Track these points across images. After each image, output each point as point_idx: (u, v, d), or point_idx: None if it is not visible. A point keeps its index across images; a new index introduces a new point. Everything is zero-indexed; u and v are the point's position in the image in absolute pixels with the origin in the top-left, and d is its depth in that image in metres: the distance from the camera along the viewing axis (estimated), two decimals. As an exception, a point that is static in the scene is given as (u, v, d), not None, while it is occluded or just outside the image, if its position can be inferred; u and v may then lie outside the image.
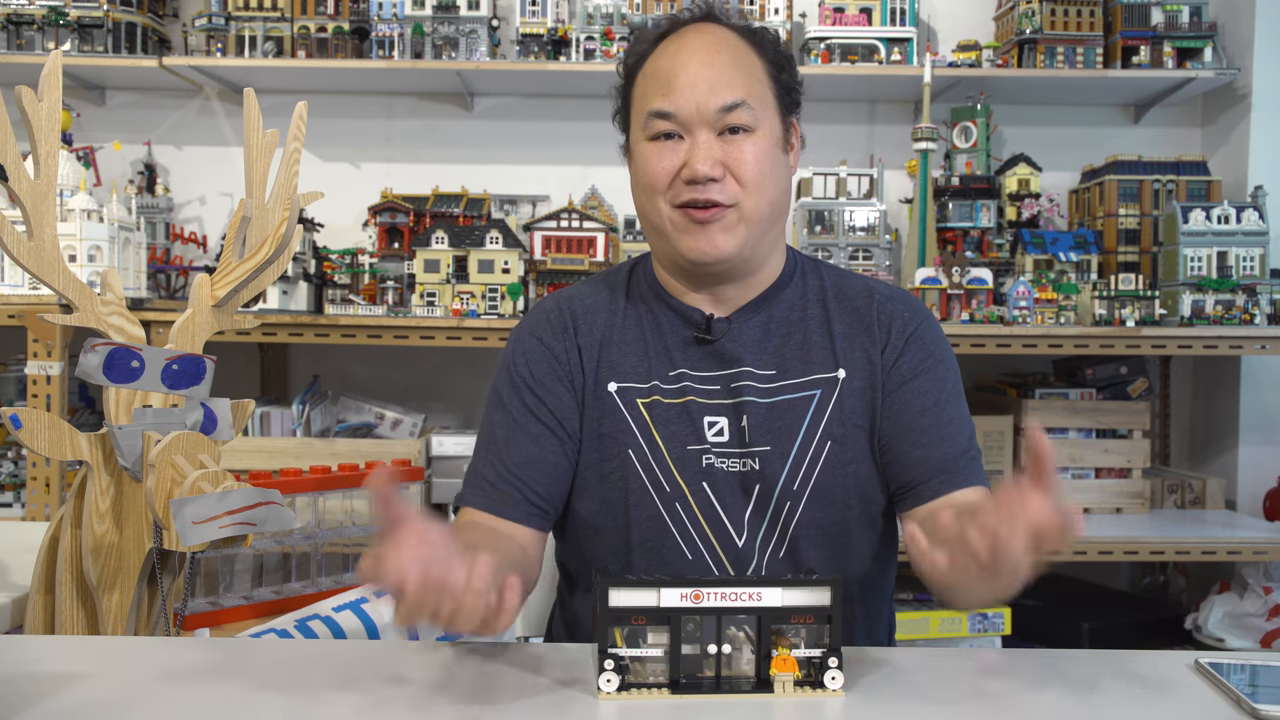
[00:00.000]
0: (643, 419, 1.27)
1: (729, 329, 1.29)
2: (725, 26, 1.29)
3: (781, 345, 1.29)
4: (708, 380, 1.28)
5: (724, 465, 1.26)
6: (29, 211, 1.33)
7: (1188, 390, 3.11)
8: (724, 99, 1.22)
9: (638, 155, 1.28)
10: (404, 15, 2.78)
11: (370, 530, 1.81)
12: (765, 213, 1.25)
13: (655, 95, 1.24)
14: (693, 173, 1.21)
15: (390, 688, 0.97)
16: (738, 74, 1.24)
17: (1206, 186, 2.84)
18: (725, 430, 1.26)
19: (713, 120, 1.22)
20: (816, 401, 1.27)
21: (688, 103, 1.22)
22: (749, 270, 1.29)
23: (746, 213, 1.23)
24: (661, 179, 1.24)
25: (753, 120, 1.23)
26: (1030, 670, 1.06)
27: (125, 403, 1.35)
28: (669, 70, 1.24)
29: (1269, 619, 2.55)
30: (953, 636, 2.47)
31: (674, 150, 1.23)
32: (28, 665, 1.02)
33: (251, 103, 1.51)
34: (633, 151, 1.30)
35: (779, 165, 1.27)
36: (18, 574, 1.53)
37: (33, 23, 2.78)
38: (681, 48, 1.25)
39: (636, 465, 1.26)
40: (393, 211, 2.79)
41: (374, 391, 2.90)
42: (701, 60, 1.23)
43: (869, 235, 2.78)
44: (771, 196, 1.25)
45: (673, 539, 1.25)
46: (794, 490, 1.25)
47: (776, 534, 1.25)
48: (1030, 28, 2.81)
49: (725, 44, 1.26)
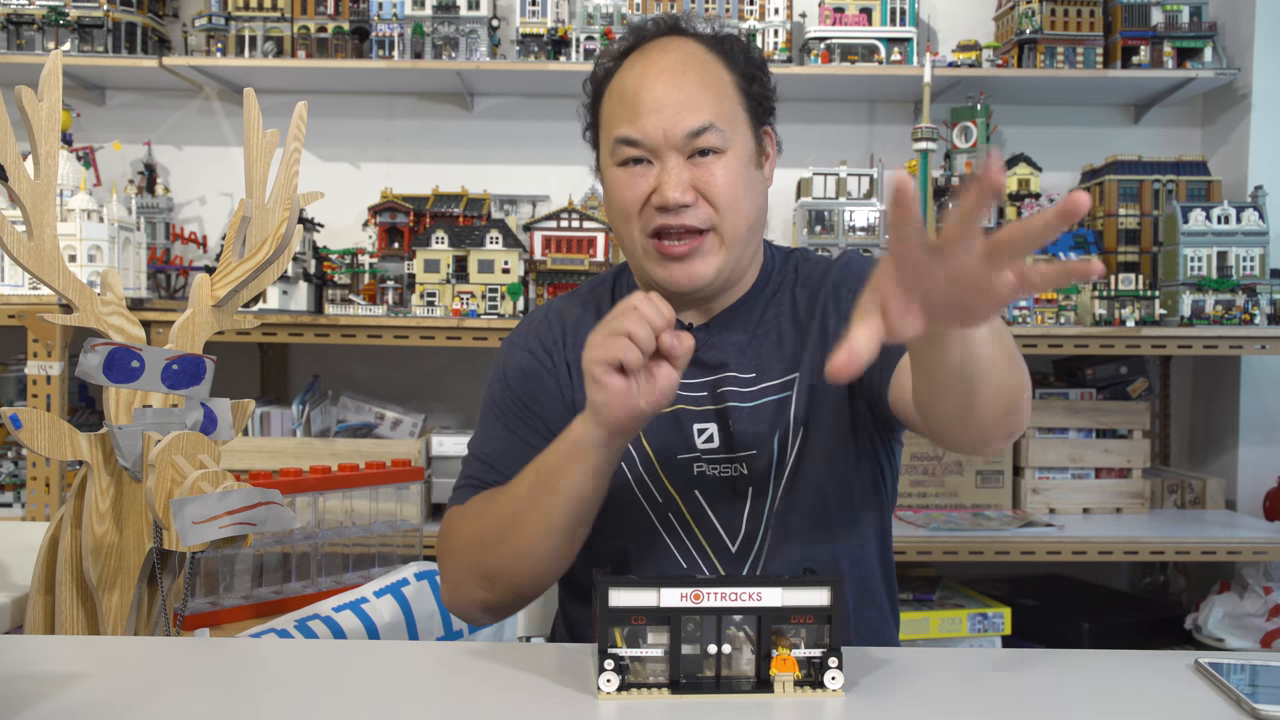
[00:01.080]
0: None
1: (709, 337, 1.29)
2: (692, 38, 1.25)
3: (760, 346, 1.29)
4: (694, 388, 1.27)
5: (715, 471, 1.25)
6: (29, 211, 1.33)
7: (1188, 390, 3.11)
8: (690, 124, 1.18)
9: (608, 181, 1.26)
10: (404, 15, 2.78)
11: (370, 530, 1.81)
12: (743, 232, 1.23)
13: (621, 121, 1.21)
14: (663, 199, 1.18)
15: (390, 688, 0.97)
16: (705, 94, 1.20)
17: (1206, 186, 2.84)
18: (715, 436, 1.26)
19: (681, 145, 1.19)
20: (795, 395, 1.26)
21: (654, 129, 1.19)
22: (728, 286, 1.29)
23: (725, 235, 1.21)
24: (632, 206, 1.21)
25: (722, 141, 1.20)
26: (1030, 670, 1.06)
27: (125, 403, 1.35)
28: (634, 93, 1.20)
29: (1269, 619, 2.55)
30: (953, 636, 2.47)
31: (643, 176, 1.21)
32: (28, 665, 1.02)
33: (251, 103, 1.51)
34: (603, 175, 1.27)
35: (753, 182, 1.25)
36: (18, 574, 1.53)
37: (33, 23, 2.78)
38: (647, 68, 1.22)
39: (628, 476, 1.25)
40: (393, 211, 2.79)
41: (374, 391, 2.90)
42: (667, 82, 1.20)
43: (869, 235, 2.78)
44: (749, 215, 1.23)
45: (665, 547, 1.24)
46: (780, 486, 1.25)
47: (771, 534, 1.25)
48: (1030, 28, 2.81)
49: (691, 61, 1.22)
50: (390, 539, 1.82)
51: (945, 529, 2.51)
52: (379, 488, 1.82)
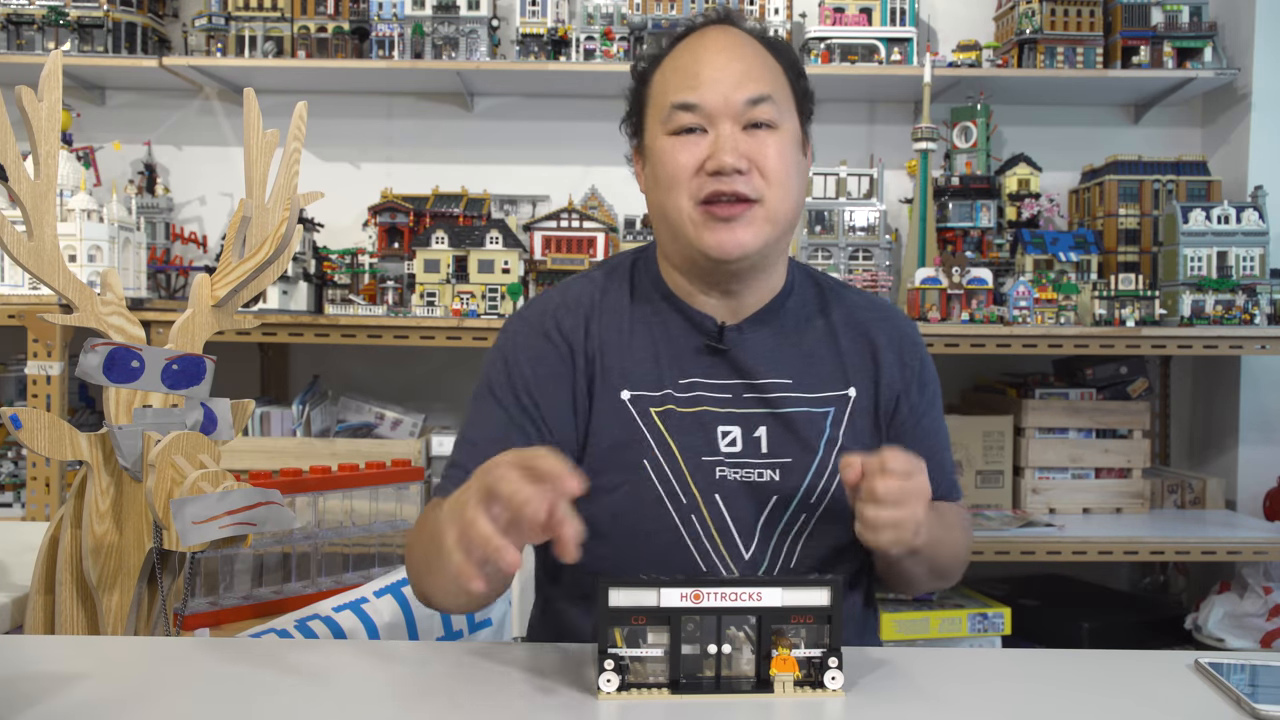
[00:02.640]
0: (657, 429, 1.24)
1: (741, 338, 1.28)
2: (744, 31, 1.29)
3: (793, 357, 1.29)
4: (720, 389, 1.26)
5: (736, 476, 1.24)
6: (29, 211, 1.33)
7: (1188, 390, 3.11)
8: (751, 91, 1.21)
9: (657, 150, 1.25)
10: (404, 15, 2.78)
11: (370, 530, 1.81)
12: (788, 211, 1.24)
13: (679, 88, 1.23)
14: (719, 164, 1.19)
15: (390, 688, 0.97)
16: (764, 70, 1.24)
17: (1206, 186, 2.84)
18: (738, 440, 1.25)
19: (738, 113, 1.21)
20: (832, 418, 1.27)
21: (714, 94, 1.21)
22: (762, 271, 1.28)
23: (771, 209, 1.22)
24: (684, 172, 1.22)
25: (777, 116, 1.23)
26: (1030, 670, 1.06)
27: (125, 403, 1.35)
28: (692, 64, 1.24)
29: (1269, 619, 2.55)
30: (953, 636, 2.47)
31: (697, 143, 1.22)
32: (28, 665, 1.02)
33: (251, 103, 1.51)
34: (650, 149, 1.27)
35: (799, 166, 1.27)
36: (18, 574, 1.53)
37: (33, 23, 2.78)
38: (705, 45, 1.25)
39: (653, 476, 1.23)
40: (393, 211, 2.79)
41: (374, 391, 2.90)
42: (728, 55, 1.24)
43: (869, 235, 2.78)
44: (794, 196, 1.25)
45: (686, 549, 1.23)
46: (811, 503, 1.24)
47: (786, 546, 1.24)
48: (1030, 28, 2.81)
49: (748, 44, 1.27)
50: (390, 539, 1.82)
51: (945, 529, 2.51)
52: (379, 488, 1.82)
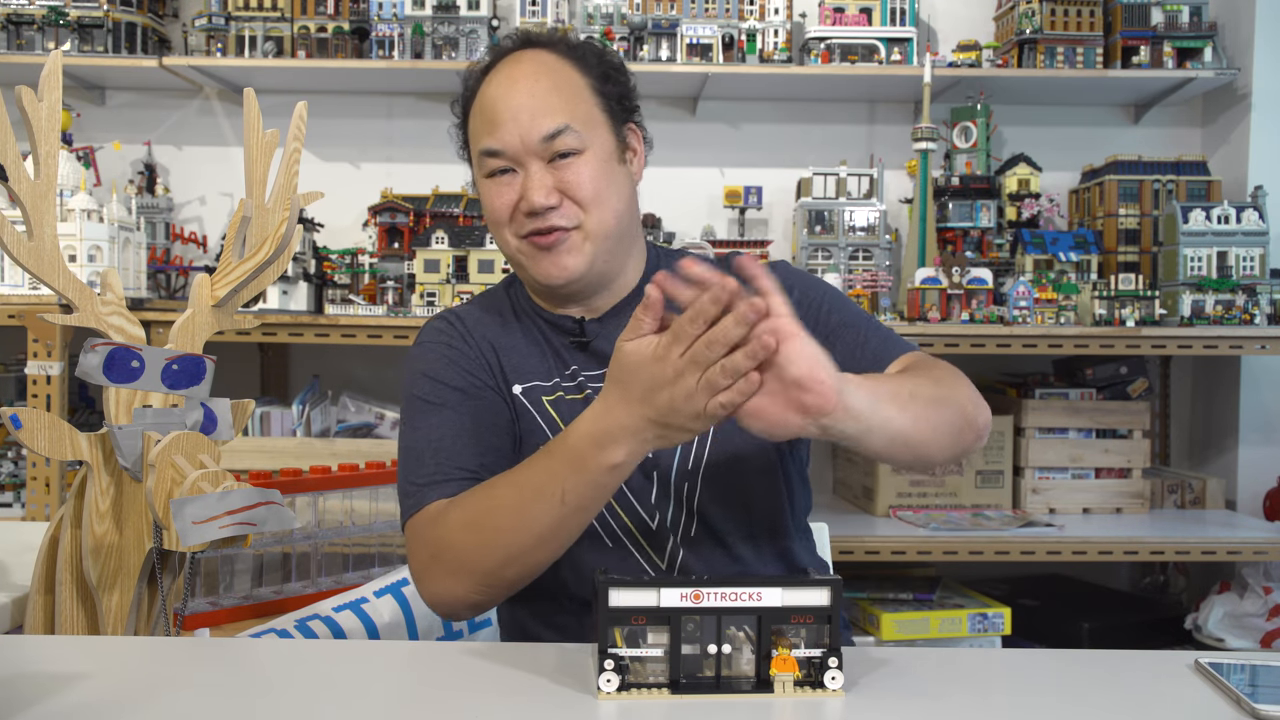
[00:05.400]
0: (550, 415, 1.29)
1: (602, 328, 1.32)
2: (544, 48, 1.31)
3: None
4: (598, 378, 1.29)
5: None
6: (29, 211, 1.33)
7: (1188, 390, 3.11)
8: (545, 127, 1.24)
9: (481, 191, 1.32)
10: (404, 15, 2.78)
11: (370, 530, 1.81)
12: (611, 227, 1.28)
13: (482, 133, 1.28)
14: (529, 205, 1.24)
15: (390, 688, 0.97)
16: (558, 99, 1.26)
17: (1206, 186, 2.84)
18: None
19: (539, 150, 1.25)
20: None
21: (512, 137, 1.25)
22: (606, 281, 1.32)
23: (591, 231, 1.26)
24: (503, 213, 1.28)
25: (579, 142, 1.26)
26: (1030, 670, 1.06)
27: (125, 403, 1.35)
28: (491, 106, 1.27)
29: (1269, 619, 2.55)
30: (953, 636, 2.47)
31: (510, 185, 1.27)
32: (28, 665, 1.02)
33: (251, 103, 1.51)
34: (478, 187, 1.33)
35: (617, 178, 1.29)
36: (18, 574, 1.53)
37: (33, 23, 2.78)
38: (501, 81, 1.28)
39: None
40: (393, 211, 2.79)
41: (374, 391, 2.90)
42: (521, 90, 1.26)
43: (869, 235, 2.79)
44: (615, 209, 1.28)
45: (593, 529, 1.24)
46: (689, 470, 1.27)
47: (685, 512, 1.27)
48: (1030, 28, 2.81)
49: (543, 69, 1.28)
50: (390, 539, 1.82)
51: (945, 529, 2.51)
52: (379, 488, 1.82)
